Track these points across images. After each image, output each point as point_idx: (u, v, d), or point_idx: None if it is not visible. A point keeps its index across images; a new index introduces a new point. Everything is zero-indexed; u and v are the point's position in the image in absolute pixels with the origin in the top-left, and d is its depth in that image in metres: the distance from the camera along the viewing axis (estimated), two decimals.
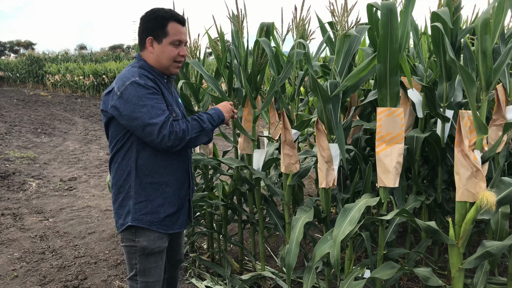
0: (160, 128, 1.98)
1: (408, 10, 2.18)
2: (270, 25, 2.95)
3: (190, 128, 2.08)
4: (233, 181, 3.45)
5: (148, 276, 2.23)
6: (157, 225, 2.18)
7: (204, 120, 2.16)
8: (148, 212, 2.16)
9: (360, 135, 3.06)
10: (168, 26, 2.10)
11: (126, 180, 2.16)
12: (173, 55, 2.13)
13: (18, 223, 4.88)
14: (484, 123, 1.96)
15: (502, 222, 2.47)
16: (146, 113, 1.98)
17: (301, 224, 2.42)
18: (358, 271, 2.34)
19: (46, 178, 6.88)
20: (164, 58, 2.13)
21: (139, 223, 2.15)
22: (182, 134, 2.04)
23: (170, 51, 2.12)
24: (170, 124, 2.01)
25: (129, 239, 2.19)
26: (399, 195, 2.69)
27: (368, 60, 2.29)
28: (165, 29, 2.10)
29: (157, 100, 2.04)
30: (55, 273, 3.69)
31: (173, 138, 2.01)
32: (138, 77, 2.03)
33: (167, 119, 2.02)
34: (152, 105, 2.00)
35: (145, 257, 2.20)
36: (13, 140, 9.97)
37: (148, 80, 2.05)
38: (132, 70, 2.09)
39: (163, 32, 2.10)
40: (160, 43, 2.12)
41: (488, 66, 1.96)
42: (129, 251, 2.21)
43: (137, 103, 1.98)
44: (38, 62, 31.12)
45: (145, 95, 2.00)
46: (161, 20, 2.10)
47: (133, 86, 2.00)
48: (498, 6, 2.06)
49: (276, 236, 4.34)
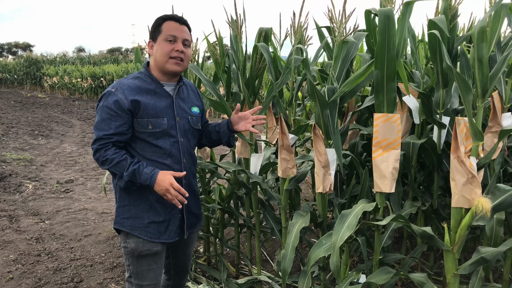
0: (95, 140, 2.09)
1: (405, 17, 2.20)
2: (268, 30, 2.97)
3: (113, 163, 2.06)
4: (230, 185, 3.45)
5: (142, 279, 2.22)
6: (139, 230, 2.16)
7: (129, 170, 2.04)
8: (131, 217, 2.17)
9: (357, 141, 3.08)
10: (163, 24, 2.16)
11: (115, 184, 2.20)
12: (167, 51, 2.13)
13: (14, 225, 4.86)
14: (480, 130, 1.97)
15: (497, 229, 2.48)
16: (97, 122, 2.11)
17: (297, 229, 2.43)
18: (354, 276, 2.34)
19: (42, 180, 6.86)
20: (159, 55, 2.15)
21: (120, 227, 2.18)
22: (104, 160, 2.07)
23: (163, 46, 2.14)
24: (103, 144, 2.07)
25: (123, 240, 2.22)
26: (395, 200, 2.70)
27: (365, 66, 2.31)
28: (160, 28, 2.15)
29: (114, 117, 2.07)
30: (51, 275, 3.68)
31: (97, 157, 2.10)
32: (116, 90, 2.10)
33: (105, 137, 2.06)
34: (104, 118, 2.08)
35: (136, 259, 2.20)
36: (10, 142, 9.95)
37: (124, 96, 2.08)
38: (121, 81, 2.17)
39: (158, 31, 2.16)
40: (156, 42, 2.17)
41: (484, 74, 1.98)
42: (124, 252, 2.24)
43: (99, 110, 2.12)
44: (36, 64, 31.09)
45: (107, 107, 2.07)
46: (157, 21, 2.18)
47: (106, 95, 2.12)
48: (494, 14, 2.08)
49: (273, 241, 4.34)
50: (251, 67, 2.97)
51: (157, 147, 2.15)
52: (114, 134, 2.06)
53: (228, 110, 3.14)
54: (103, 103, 2.09)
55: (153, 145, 2.14)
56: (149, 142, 2.14)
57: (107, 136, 2.06)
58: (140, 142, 2.14)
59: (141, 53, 3.93)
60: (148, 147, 2.15)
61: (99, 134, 2.07)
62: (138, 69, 3.74)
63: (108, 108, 2.06)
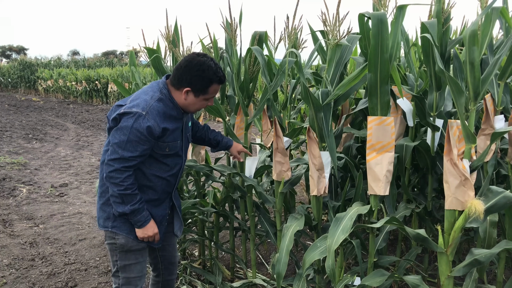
0: (117, 159, 2.08)
1: (398, 21, 2.21)
2: (262, 34, 2.98)
3: (123, 193, 2.11)
4: (225, 188, 3.45)
5: (129, 272, 2.35)
6: (135, 233, 2.28)
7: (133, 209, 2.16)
8: (127, 221, 2.26)
9: (351, 143, 3.09)
10: (211, 87, 2.21)
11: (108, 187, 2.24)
12: (200, 106, 2.29)
13: (7, 229, 4.83)
14: (473, 133, 1.99)
15: (490, 230, 2.49)
16: (124, 141, 2.08)
17: (292, 233, 2.43)
18: (349, 279, 2.35)
19: (37, 184, 6.82)
20: (192, 107, 2.27)
21: (118, 230, 2.27)
22: (117, 183, 2.09)
23: (202, 104, 2.28)
24: (126, 166, 2.09)
25: (110, 237, 2.31)
26: (389, 203, 2.71)
27: (359, 69, 2.32)
28: (207, 90, 2.21)
29: (142, 142, 2.11)
30: (45, 280, 3.65)
31: (111, 175, 2.09)
32: (147, 114, 2.10)
33: (131, 159, 2.10)
34: (132, 140, 2.09)
35: (124, 254, 2.31)
36: (4, 145, 9.89)
37: (156, 124, 2.11)
38: (149, 102, 2.14)
39: (204, 91, 2.21)
40: (197, 97, 2.22)
41: (476, 77, 2.00)
42: (111, 248, 2.34)
43: (128, 130, 2.08)
44: (30, 67, 30.93)
45: (138, 131, 2.08)
46: (207, 82, 2.19)
47: (137, 119, 2.09)
48: (486, 18, 2.10)
49: (268, 244, 4.34)
50: (245, 70, 2.98)
51: (165, 164, 2.29)
52: (139, 156, 2.13)
53: (223, 113, 3.14)
54: (133, 125, 2.08)
55: (162, 162, 2.28)
56: (159, 160, 2.27)
57: (132, 158, 2.10)
58: (150, 159, 2.24)
59: (136, 56, 3.93)
60: (156, 163, 2.26)
61: (124, 154, 2.08)
62: (132, 73, 3.73)
63: (139, 132, 2.08)
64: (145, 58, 3.49)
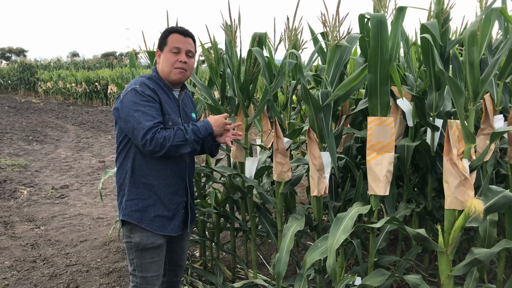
0: (145, 132, 2.11)
1: (398, 21, 2.22)
2: (262, 35, 2.99)
3: (172, 136, 2.14)
4: (226, 189, 3.46)
5: (146, 271, 2.35)
6: (146, 223, 2.29)
7: (188, 131, 2.20)
8: (138, 210, 2.29)
9: (352, 143, 3.10)
10: (169, 37, 2.31)
11: (124, 179, 2.32)
12: (172, 61, 2.29)
13: (9, 231, 4.84)
14: (472, 133, 2.00)
15: (490, 230, 2.50)
16: (137, 117, 2.13)
17: (292, 233, 2.44)
18: (349, 279, 2.36)
19: (37, 185, 6.83)
20: (165, 65, 2.31)
21: (128, 219, 2.29)
22: (163, 141, 2.12)
23: (168, 57, 2.30)
24: (155, 131, 2.12)
25: (126, 235, 2.35)
26: (389, 203, 2.72)
27: (359, 70, 2.33)
28: (166, 40, 2.31)
29: (150, 107, 2.17)
30: (47, 281, 3.66)
31: (154, 143, 2.11)
32: (139, 85, 2.21)
33: (155, 126, 2.13)
34: (144, 111, 2.15)
35: (140, 252, 2.32)
36: (4, 147, 9.90)
37: (146, 88, 2.22)
38: (138, 79, 2.29)
39: (164, 43, 2.32)
40: (162, 52, 2.32)
41: (475, 77, 2.01)
42: (127, 246, 2.37)
43: (132, 108, 2.15)
44: (30, 69, 30.95)
45: (139, 102, 2.16)
46: (164, 33, 2.34)
47: (131, 93, 2.19)
48: (485, 18, 2.11)
49: (269, 244, 4.35)
50: (245, 71, 2.99)
51: None
52: (159, 122, 2.17)
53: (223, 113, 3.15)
54: (133, 97, 2.16)
55: None
56: None
57: (155, 124, 2.14)
58: None
59: (136, 58, 3.94)
60: None
61: (147, 125, 2.10)
62: (133, 74, 3.74)
63: (140, 96, 2.16)
64: (145, 60, 3.51)
